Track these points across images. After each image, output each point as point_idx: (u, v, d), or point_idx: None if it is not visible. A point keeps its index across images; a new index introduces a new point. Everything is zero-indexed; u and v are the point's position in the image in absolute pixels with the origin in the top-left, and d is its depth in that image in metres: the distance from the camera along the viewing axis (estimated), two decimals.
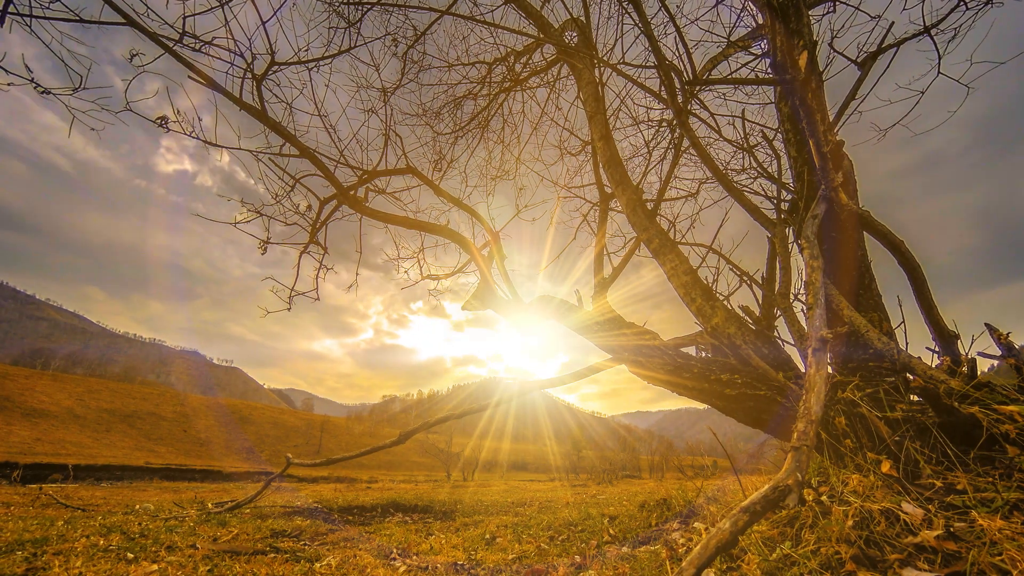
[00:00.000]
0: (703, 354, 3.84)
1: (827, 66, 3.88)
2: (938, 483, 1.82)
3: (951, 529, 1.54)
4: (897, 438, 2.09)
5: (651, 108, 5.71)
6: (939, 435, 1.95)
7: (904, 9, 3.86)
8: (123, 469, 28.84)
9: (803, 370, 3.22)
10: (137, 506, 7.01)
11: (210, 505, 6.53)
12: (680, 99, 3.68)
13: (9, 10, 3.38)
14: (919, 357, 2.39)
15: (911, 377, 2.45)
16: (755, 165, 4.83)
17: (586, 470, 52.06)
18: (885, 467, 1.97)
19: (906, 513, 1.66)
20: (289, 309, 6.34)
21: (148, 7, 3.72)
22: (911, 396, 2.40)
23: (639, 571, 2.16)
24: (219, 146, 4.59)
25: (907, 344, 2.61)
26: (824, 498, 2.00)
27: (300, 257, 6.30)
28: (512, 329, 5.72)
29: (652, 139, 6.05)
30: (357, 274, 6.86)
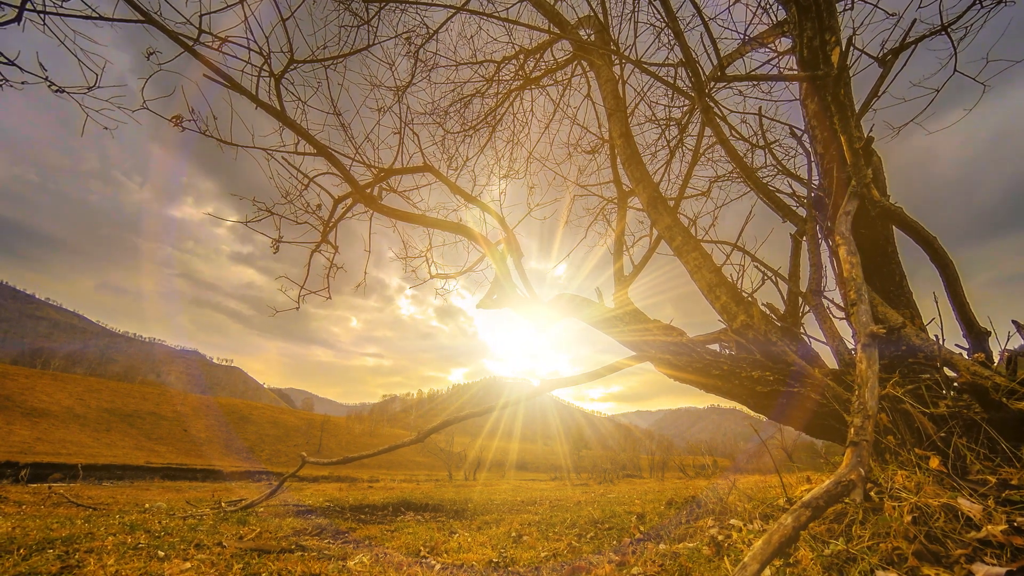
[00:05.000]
0: (727, 352, 3.83)
1: (852, 64, 3.88)
2: (992, 479, 1.81)
3: (1015, 524, 1.53)
4: (943, 434, 2.09)
5: (669, 106, 5.69)
6: (990, 431, 1.94)
7: (920, 7, 3.85)
8: (124, 469, 28.79)
9: (832, 367, 3.21)
10: (148, 505, 6.99)
11: (224, 504, 6.52)
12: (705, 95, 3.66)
13: (26, 7, 3.36)
14: (960, 353, 2.39)
15: (951, 373, 2.44)
16: (774, 162, 4.83)
17: (586, 469, 52.05)
18: (934, 463, 1.96)
19: (965, 508, 1.65)
20: (298, 308, 6.37)
21: (167, 2, 3.69)
22: (952, 392, 2.39)
23: (687, 567, 2.15)
24: (235, 144, 4.58)
25: (943, 340, 2.60)
26: (873, 494, 1.99)
27: (311, 256, 6.32)
28: (531, 327, 5.69)
29: (667, 136, 6.05)
30: (365, 273, 6.90)
